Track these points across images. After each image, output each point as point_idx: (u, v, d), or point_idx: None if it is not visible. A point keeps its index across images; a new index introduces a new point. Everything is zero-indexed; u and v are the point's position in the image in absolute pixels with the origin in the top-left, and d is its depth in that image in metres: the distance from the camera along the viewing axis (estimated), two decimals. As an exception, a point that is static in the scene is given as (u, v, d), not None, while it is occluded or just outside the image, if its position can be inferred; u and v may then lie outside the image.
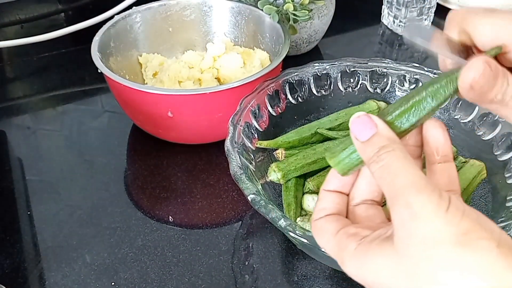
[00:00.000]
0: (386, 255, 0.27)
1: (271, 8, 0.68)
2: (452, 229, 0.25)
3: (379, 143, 0.29)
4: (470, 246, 0.24)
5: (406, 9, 0.85)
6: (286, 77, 0.58)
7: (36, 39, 0.78)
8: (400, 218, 0.26)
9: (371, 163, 0.29)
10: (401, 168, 0.27)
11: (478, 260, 0.24)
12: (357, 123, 0.30)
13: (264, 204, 0.43)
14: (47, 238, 0.54)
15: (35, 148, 0.66)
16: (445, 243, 0.25)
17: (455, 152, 0.56)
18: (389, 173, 0.28)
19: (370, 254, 0.28)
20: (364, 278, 0.28)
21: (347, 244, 0.29)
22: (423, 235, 0.25)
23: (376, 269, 0.27)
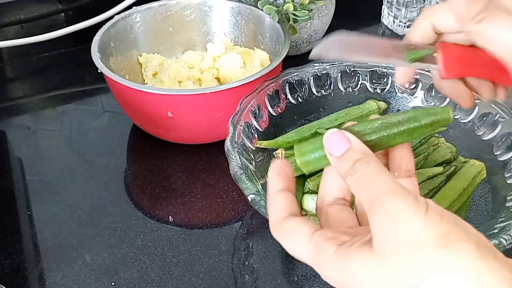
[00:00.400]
0: (366, 258, 0.27)
1: (271, 8, 0.68)
2: (432, 231, 0.25)
3: (353, 157, 0.29)
4: (451, 248, 0.25)
5: (406, 9, 0.85)
6: (286, 77, 0.58)
7: (36, 39, 0.78)
8: (378, 222, 0.26)
9: (347, 177, 0.29)
10: (376, 177, 0.28)
11: (459, 261, 0.24)
12: (330, 140, 0.31)
13: (264, 204, 0.43)
14: (47, 238, 0.54)
15: (35, 148, 0.66)
16: (426, 244, 0.25)
17: (455, 152, 0.56)
18: (365, 182, 0.28)
19: (350, 258, 0.27)
20: (343, 282, 0.28)
21: (326, 247, 0.28)
22: (404, 237, 0.25)
23: (356, 273, 0.27)
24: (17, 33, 0.82)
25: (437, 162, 0.55)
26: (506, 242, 0.41)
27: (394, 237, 0.26)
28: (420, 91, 0.59)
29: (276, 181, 0.32)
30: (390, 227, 0.26)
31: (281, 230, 0.31)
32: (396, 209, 0.26)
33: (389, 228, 0.26)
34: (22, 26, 0.83)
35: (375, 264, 0.26)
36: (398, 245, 0.25)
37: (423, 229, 0.25)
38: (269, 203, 0.32)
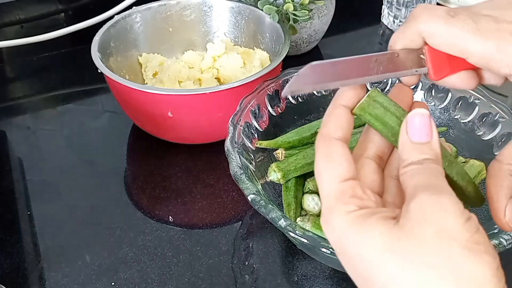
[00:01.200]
0: (387, 229, 0.26)
1: (271, 8, 0.68)
2: (467, 234, 0.25)
3: (427, 154, 0.29)
4: (477, 255, 0.25)
5: (406, 9, 0.85)
6: (286, 77, 0.58)
7: (36, 39, 0.78)
8: (422, 203, 0.26)
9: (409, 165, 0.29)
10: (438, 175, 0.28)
11: (477, 271, 0.25)
12: (416, 121, 0.29)
13: (264, 204, 0.43)
14: (47, 238, 0.54)
15: (35, 148, 0.66)
16: (457, 241, 0.25)
17: (455, 152, 0.56)
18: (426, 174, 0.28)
19: (367, 224, 0.27)
20: (342, 243, 0.27)
21: (348, 202, 0.28)
22: (440, 225, 0.25)
23: (369, 237, 0.26)
24: (17, 33, 0.82)
25: (437, 162, 0.55)
26: (506, 242, 0.41)
27: (430, 221, 0.26)
28: (420, 91, 0.59)
29: (345, 97, 0.32)
30: (433, 211, 0.26)
31: (326, 147, 0.30)
32: (447, 202, 0.26)
33: (432, 212, 0.26)
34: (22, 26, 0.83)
35: (394, 236, 0.26)
36: (430, 229, 0.25)
37: (459, 228, 0.25)
38: (329, 113, 0.31)
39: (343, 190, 0.28)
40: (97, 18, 0.80)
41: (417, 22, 0.31)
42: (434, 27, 0.30)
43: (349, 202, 0.28)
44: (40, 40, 0.78)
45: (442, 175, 0.28)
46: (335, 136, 0.30)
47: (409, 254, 0.25)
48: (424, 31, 0.31)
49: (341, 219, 0.27)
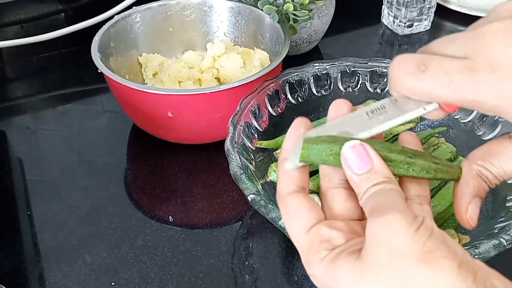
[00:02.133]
0: (350, 264, 0.27)
1: (271, 8, 0.68)
2: (418, 246, 0.25)
3: (374, 180, 0.29)
4: (432, 264, 0.25)
5: (406, 9, 0.85)
6: (286, 77, 0.58)
7: (36, 39, 0.78)
8: (371, 228, 0.27)
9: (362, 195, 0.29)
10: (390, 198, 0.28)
11: (437, 278, 0.25)
12: (351, 154, 0.30)
13: (264, 204, 0.43)
14: (47, 238, 0.54)
15: (35, 148, 0.66)
16: (409, 257, 0.25)
17: (455, 152, 0.56)
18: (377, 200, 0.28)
19: (337, 264, 0.28)
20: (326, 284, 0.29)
21: (319, 249, 0.29)
22: (390, 246, 0.26)
23: (339, 278, 0.27)
24: (17, 33, 0.82)
25: (437, 162, 0.55)
26: (506, 242, 0.41)
27: (381, 245, 0.26)
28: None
29: (286, 150, 0.32)
30: (381, 234, 0.26)
31: (284, 205, 0.31)
32: (392, 220, 0.26)
33: (380, 235, 0.26)
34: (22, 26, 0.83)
35: (357, 270, 0.27)
36: (382, 253, 0.26)
37: (409, 243, 0.25)
38: (279, 170, 0.32)
39: (311, 240, 0.29)
40: (97, 18, 0.80)
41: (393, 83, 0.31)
42: (408, 85, 0.30)
43: (320, 249, 0.29)
44: (40, 40, 0.78)
45: (390, 193, 0.28)
46: (287, 191, 0.31)
47: (372, 283, 0.26)
48: (402, 90, 0.30)
49: (317, 269, 0.29)
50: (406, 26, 0.87)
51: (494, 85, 0.27)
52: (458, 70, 0.28)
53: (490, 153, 0.32)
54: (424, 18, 0.87)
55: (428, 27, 0.88)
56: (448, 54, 0.29)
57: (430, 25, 0.88)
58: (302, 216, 0.30)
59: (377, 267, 0.26)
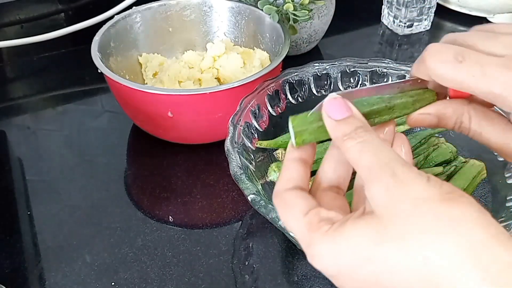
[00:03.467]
0: (366, 226, 0.27)
1: (271, 8, 0.68)
2: (436, 190, 0.26)
3: (355, 123, 0.30)
4: (456, 202, 0.26)
5: (406, 9, 0.85)
6: (286, 77, 0.58)
7: (36, 39, 0.78)
8: (384, 185, 0.27)
9: (347, 140, 0.29)
10: (382, 145, 0.29)
11: (466, 213, 0.25)
12: (331, 103, 0.31)
13: (264, 204, 0.43)
14: (47, 238, 0.54)
15: (35, 148, 0.66)
16: (433, 200, 0.26)
17: (455, 152, 0.56)
18: (370, 146, 0.29)
19: (347, 231, 0.27)
20: (337, 261, 0.28)
21: (319, 226, 0.29)
22: (411, 197, 0.26)
23: (354, 244, 0.27)
24: (17, 33, 0.82)
25: (437, 162, 0.55)
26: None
27: (401, 199, 0.26)
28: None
29: (293, 148, 0.33)
30: (397, 190, 0.26)
31: (280, 200, 0.31)
32: (404, 174, 0.27)
33: (396, 191, 0.26)
34: (22, 26, 0.83)
35: (377, 229, 0.26)
36: (404, 206, 0.26)
37: (428, 188, 0.26)
38: (282, 169, 0.33)
39: (310, 221, 0.29)
40: (97, 18, 0.80)
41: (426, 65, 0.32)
42: (442, 71, 0.31)
43: (320, 226, 0.29)
44: (40, 40, 0.78)
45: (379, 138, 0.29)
46: (285, 189, 0.32)
47: (399, 235, 0.26)
48: (432, 74, 0.32)
49: (321, 243, 0.28)
50: (406, 26, 0.87)
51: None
52: (494, 65, 0.30)
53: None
54: (424, 18, 0.87)
55: (428, 27, 0.88)
56: (487, 50, 0.31)
57: (430, 25, 0.88)
58: (299, 204, 0.30)
59: (403, 219, 0.26)
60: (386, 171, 0.27)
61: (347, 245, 0.27)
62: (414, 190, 0.26)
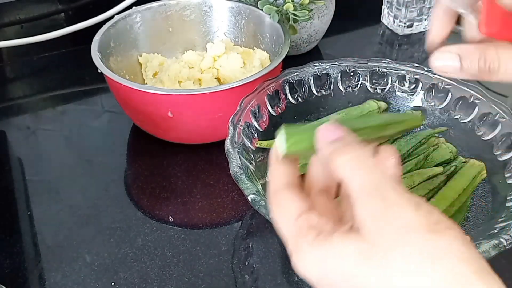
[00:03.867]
0: (352, 244, 0.27)
1: (271, 8, 0.68)
2: (424, 220, 0.26)
3: (347, 139, 0.30)
4: (442, 234, 0.26)
5: (406, 9, 0.85)
6: (286, 77, 0.58)
7: (36, 39, 0.78)
8: (373, 209, 0.27)
9: (338, 155, 0.29)
10: (374, 165, 0.29)
11: (450, 246, 0.26)
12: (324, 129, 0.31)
13: (264, 204, 0.43)
14: (47, 238, 0.54)
15: (35, 148, 0.66)
16: (419, 230, 0.26)
17: (455, 152, 0.56)
18: (363, 166, 0.29)
19: (334, 243, 0.28)
20: (321, 270, 0.28)
21: (307, 234, 0.29)
22: (398, 224, 0.26)
23: (339, 258, 0.27)
24: (17, 33, 0.82)
25: (437, 162, 0.55)
26: (506, 242, 0.41)
27: (388, 224, 0.26)
28: (420, 91, 0.59)
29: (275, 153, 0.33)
30: (385, 214, 0.27)
31: (274, 200, 0.32)
32: (395, 200, 0.27)
33: (384, 215, 0.27)
34: (22, 26, 0.83)
35: (363, 249, 0.27)
36: (390, 231, 0.26)
37: (415, 218, 0.26)
38: (270, 169, 0.33)
39: (300, 226, 0.29)
40: (97, 18, 0.80)
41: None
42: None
43: (308, 233, 0.29)
44: (40, 40, 0.78)
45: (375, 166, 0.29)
46: (278, 186, 0.32)
47: (383, 260, 0.26)
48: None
49: (308, 251, 0.28)
50: (406, 26, 0.87)
51: None
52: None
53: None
54: (424, 18, 0.87)
55: (428, 27, 0.88)
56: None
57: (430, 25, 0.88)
58: (292, 206, 0.31)
59: (388, 245, 0.26)
60: (377, 195, 0.27)
61: (331, 258, 0.27)
62: (402, 218, 0.26)
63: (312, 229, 0.29)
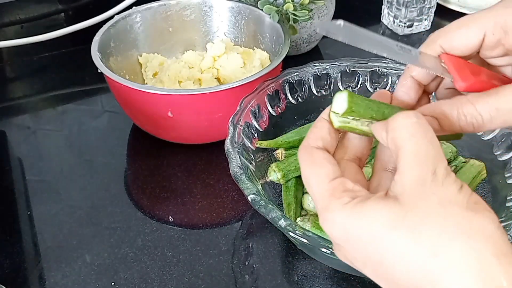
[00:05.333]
0: (387, 207, 0.27)
1: (271, 8, 0.68)
2: (465, 197, 0.27)
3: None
4: (479, 213, 0.27)
5: (406, 9, 0.85)
6: (286, 77, 0.58)
7: (36, 39, 0.78)
8: (420, 176, 0.27)
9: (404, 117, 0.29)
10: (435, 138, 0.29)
11: (485, 226, 0.26)
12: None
13: (264, 204, 0.43)
14: (47, 238, 0.54)
15: (35, 148, 0.66)
16: (460, 206, 0.27)
17: (455, 152, 0.56)
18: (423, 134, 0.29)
19: (368, 206, 0.28)
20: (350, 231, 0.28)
21: (342, 196, 0.29)
22: (440, 196, 0.27)
23: (371, 220, 0.27)
24: (17, 33, 0.82)
25: (437, 162, 0.55)
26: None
27: (430, 195, 0.27)
28: (420, 91, 0.59)
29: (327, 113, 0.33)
30: (431, 187, 0.27)
31: (309, 155, 0.32)
32: (443, 176, 0.28)
33: (430, 187, 0.27)
34: (22, 26, 0.83)
35: (398, 214, 0.27)
36: (431, 202, 0.27)
37: (458, 194, 0.27)
38: (313, 127, 0.33)
39: (334, 187, 0.30)
40: (97, 18, 0.80)
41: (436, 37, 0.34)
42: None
43: (342, 196, 0.29)
44: (40, 40, 0.78)
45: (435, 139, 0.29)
46: (315, 145, 0.32)
47: (416, 226, 0.26)
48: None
49: (340, 211, 0.28)
50: (406, 26, 0.87)
51: None
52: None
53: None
54: (424, 18, 0.87)
55: (428, 27, 0.88)
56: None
57: (430, 25, 0.88)
58: (328, 167, 0.31)
59: (425, 213, 0.26)
60: (428, 166, 0.28)
61: (363, 220, 0.28)
62: (446, 192, 0.27)
63: (347, 192, 0.29)
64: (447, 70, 0.34)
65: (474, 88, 0.33)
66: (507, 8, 0.33)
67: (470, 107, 0.32)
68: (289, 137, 0.56)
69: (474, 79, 0.33)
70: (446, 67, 0.34)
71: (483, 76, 0.34)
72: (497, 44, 0.34)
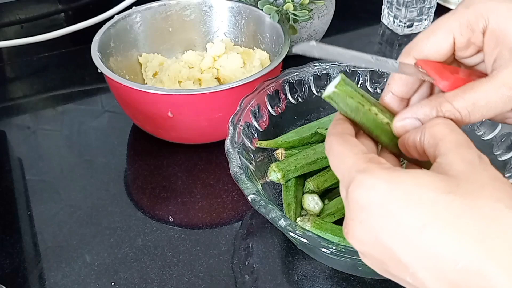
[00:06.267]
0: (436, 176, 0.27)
1: (271, 8, 0.68)
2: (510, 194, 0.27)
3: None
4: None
5: (406, 9, 0.85)
6: (286, 77, 0.58)
7: (36, 39, 0.78)
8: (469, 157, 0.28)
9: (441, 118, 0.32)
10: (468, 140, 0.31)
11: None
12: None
13: (264, 204, 0.43)
14: (47, 238, 0.54)
15: (35, 148, 0.66)
16: (508, 183, 0.27)
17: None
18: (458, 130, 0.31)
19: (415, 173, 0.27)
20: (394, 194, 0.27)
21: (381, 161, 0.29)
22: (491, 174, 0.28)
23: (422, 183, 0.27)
24: (17, 33, 0.82)
25: (437, 162, 0.55)
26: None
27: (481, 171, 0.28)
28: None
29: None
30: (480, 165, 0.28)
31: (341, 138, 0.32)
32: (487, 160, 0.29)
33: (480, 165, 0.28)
34: (22, 26, 0.83)
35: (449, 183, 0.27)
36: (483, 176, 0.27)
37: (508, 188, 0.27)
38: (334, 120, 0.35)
39: (371, 157, 0.30)
40: (97, 18, 0.80)
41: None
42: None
43: (382, 161, 0.29)
44: (40, 40, 0.78)
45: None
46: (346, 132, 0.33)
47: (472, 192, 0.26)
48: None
49: (382, 174, 0.28)
50: (406, 26, 0.87)
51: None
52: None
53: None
54: (424, 18, 0.87)
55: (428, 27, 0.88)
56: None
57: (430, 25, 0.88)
58: (359, 146, 0.31)
59: (479, 184, 0.27)
60: (475, 151, 0.29)
61: (412, 183, 0.27)
62: (494, 171, 0.28)
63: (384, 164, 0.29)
64: (426, 73, 0.35)
65: (457, 86, 0.33)
66: (467, 8, 0.34)
67: (448, 105, 0.32)
68: (289, 137, 0.56)
69: (454, 77, 0.34)
70: (425, 71, 0.35)
71: (462, 74, 0.35)
72: (468, 43, 0.35)
